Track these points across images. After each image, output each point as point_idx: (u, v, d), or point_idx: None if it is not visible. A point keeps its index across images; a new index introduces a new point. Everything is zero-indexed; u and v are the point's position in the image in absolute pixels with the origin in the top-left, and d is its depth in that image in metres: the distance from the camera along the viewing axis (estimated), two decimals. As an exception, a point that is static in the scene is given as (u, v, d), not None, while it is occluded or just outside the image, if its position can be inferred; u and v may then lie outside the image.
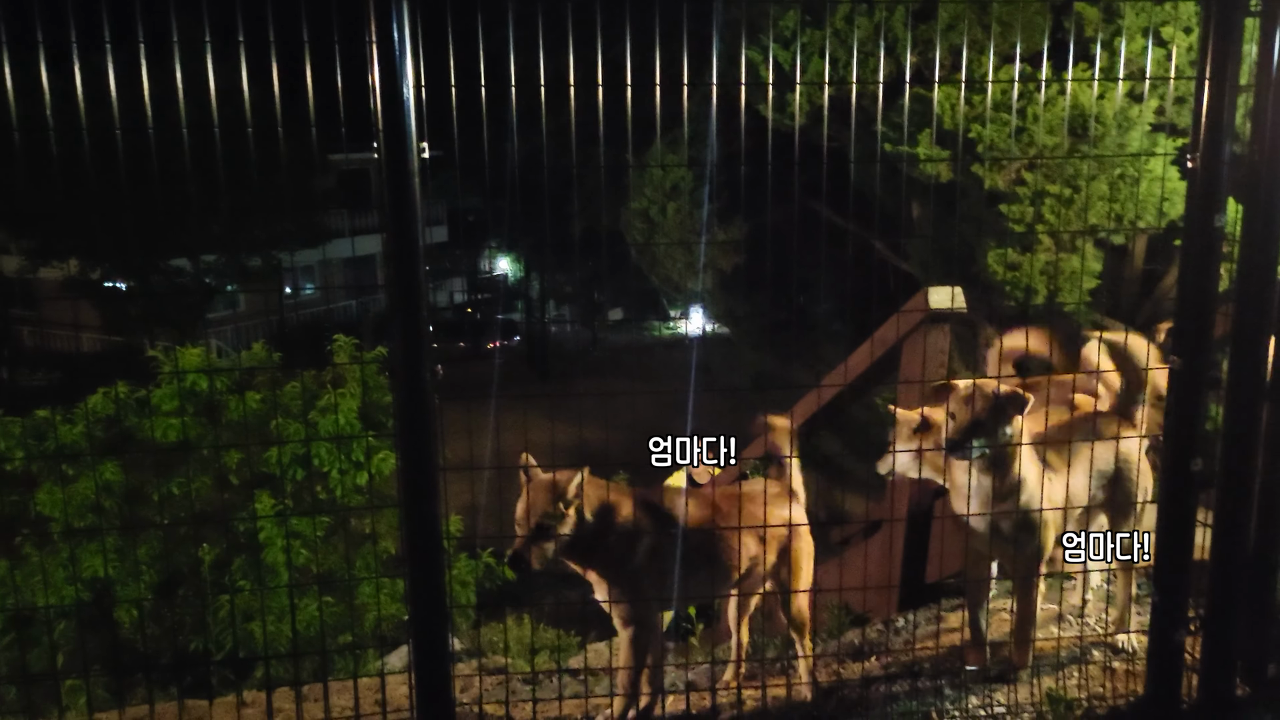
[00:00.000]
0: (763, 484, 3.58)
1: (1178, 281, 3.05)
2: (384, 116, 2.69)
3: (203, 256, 20.58)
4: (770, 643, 4.35)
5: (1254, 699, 3.13)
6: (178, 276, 20.71)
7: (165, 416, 6.69)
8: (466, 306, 37.37)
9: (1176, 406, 2.99)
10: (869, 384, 4.71)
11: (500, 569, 7.44)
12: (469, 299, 38.20)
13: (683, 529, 3.30)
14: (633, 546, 3.25)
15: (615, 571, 3.24)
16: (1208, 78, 2.86)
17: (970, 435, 3.17)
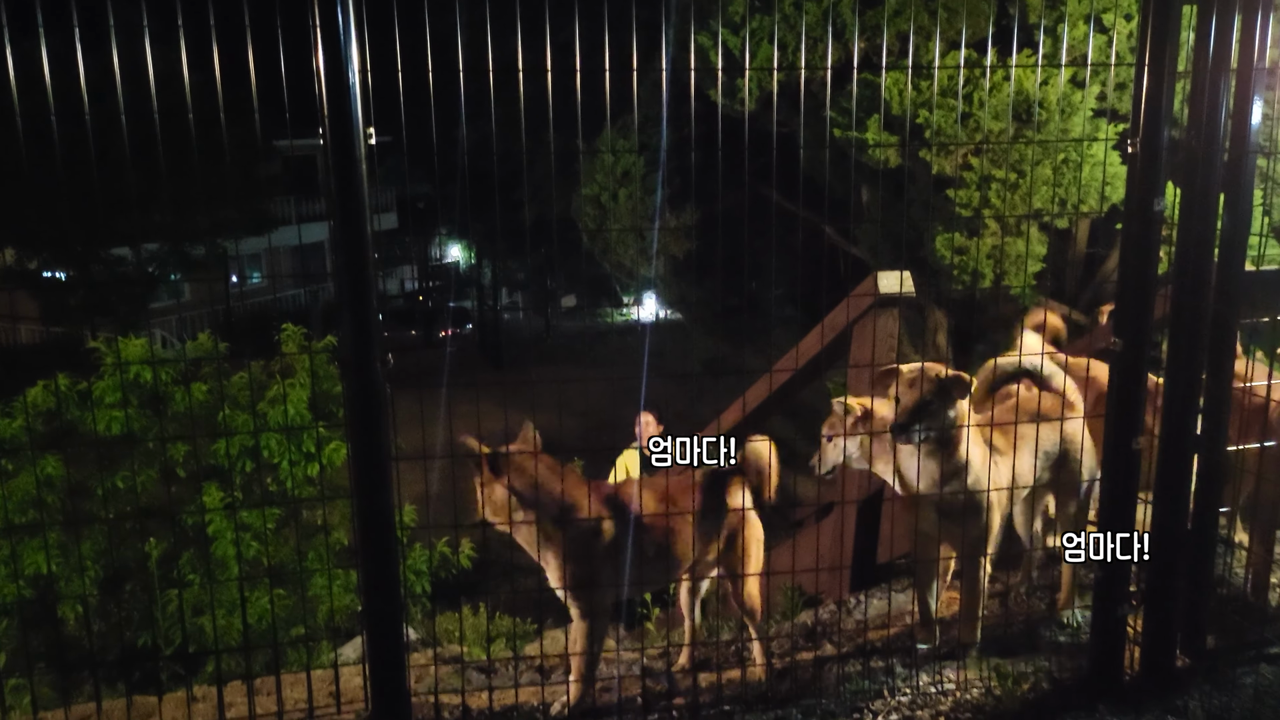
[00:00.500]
0: (714, 472, 3.60)
1: (1119, 264, 3.11)
2: (329, 101, 2.65)
3: (145, 245, 20.11)
4: (725, 625, 4.39)
5: (1193, 670, 3.22)
6: (119, 266, 20.25)
7: (108, 409, 6.56)
8: (418, 294, 37.05)
9: (1118, 387, 3.05)
10: (820, 368, 4.75)
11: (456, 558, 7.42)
12: (420, 287, 37.88)
13: (637, 519, 3.32)
14: (587, 535, 3.26)
15: (570, 559, 3.25)
16: (1147, 64, 2.91)
17: (915, 418, 3.21)
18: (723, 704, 3.28)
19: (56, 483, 6.29)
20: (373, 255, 2.80)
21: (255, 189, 20.96)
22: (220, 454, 6.63)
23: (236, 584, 5.93)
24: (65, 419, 6.75)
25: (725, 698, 3.32)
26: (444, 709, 3.23)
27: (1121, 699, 3.10)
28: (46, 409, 6.66)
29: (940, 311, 11.28)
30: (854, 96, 8.14)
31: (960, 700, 3.20)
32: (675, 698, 3.40)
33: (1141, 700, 3.09)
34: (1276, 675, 3.16)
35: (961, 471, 3.30)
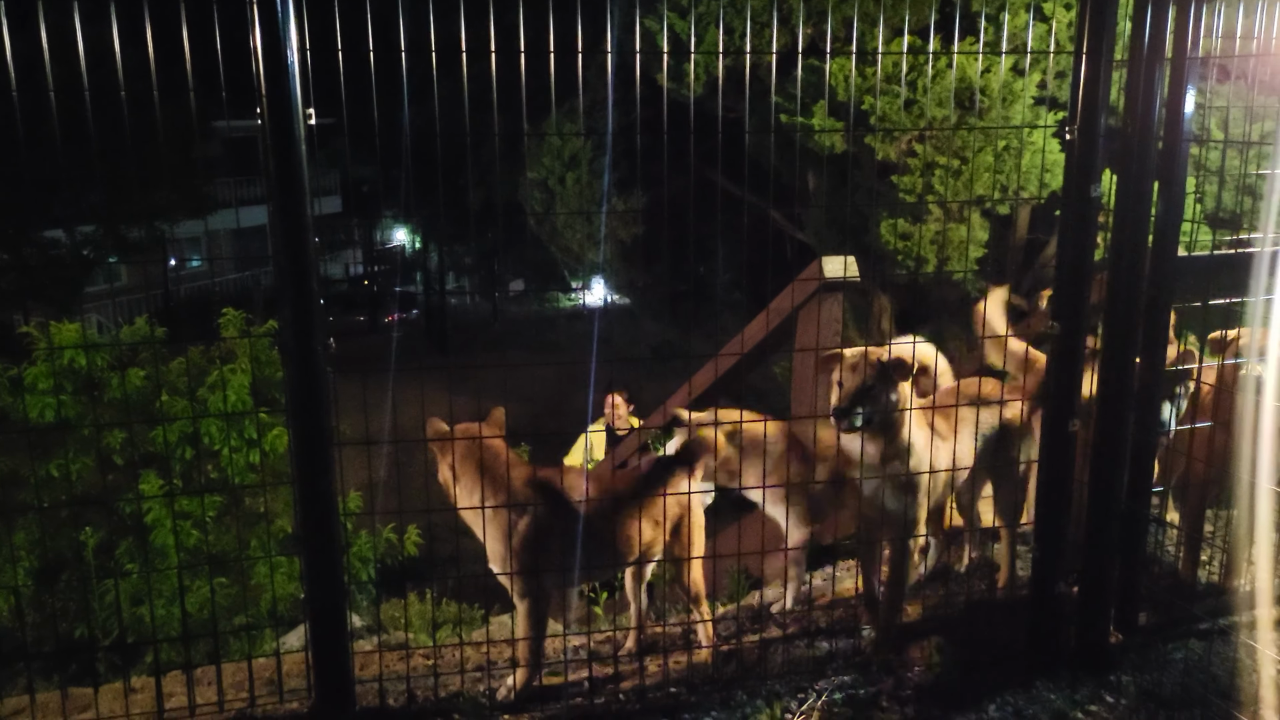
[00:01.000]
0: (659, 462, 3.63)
1: (1057, 249, 3.17)
2: (267, 81, 2.60)
3: (79, 227, 19.57)
4: (672, 609, 4.41)
5: (1126, 645, 3.31)
6: (52, 249, 19.68)
7: (41, 395, 6.39)
8: (363, 279, 36.59)
9: (1056, 370, 3.11)
10: (766, 353, 4.78)
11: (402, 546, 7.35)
12: (365, 271, 37.41)
13: (578, 511, 3.32)
14: (523, 522, 3.25)
15: (508, 545, 3.24)
16: (1085, 53, 2.96)
17: (857, 403, 3.22)
18: (669, 686, 3.30)
19: (-13, 472, 6.12)
20: (313, 238, 2.76)
21: (193, 171, 20.49)
22: (159, 441, 6.49)
23: (175, 573, 5.82)
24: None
25: (672, 680, 3.34)
26: (389, 696, 3.21)
27: (1057, 675, 3.18)
28: (-25, 396, 6.47)
29: (884, 296, 11.41)
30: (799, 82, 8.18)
31: (902, 678, 3.25)
32: (622, 681, 3.41)
33: (1077, 676, 3.17)
34: (1206, 650, 3.25)
35: (904, 454, 3.33)
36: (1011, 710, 3.01)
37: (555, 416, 16.08)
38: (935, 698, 3.10)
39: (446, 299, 33.73)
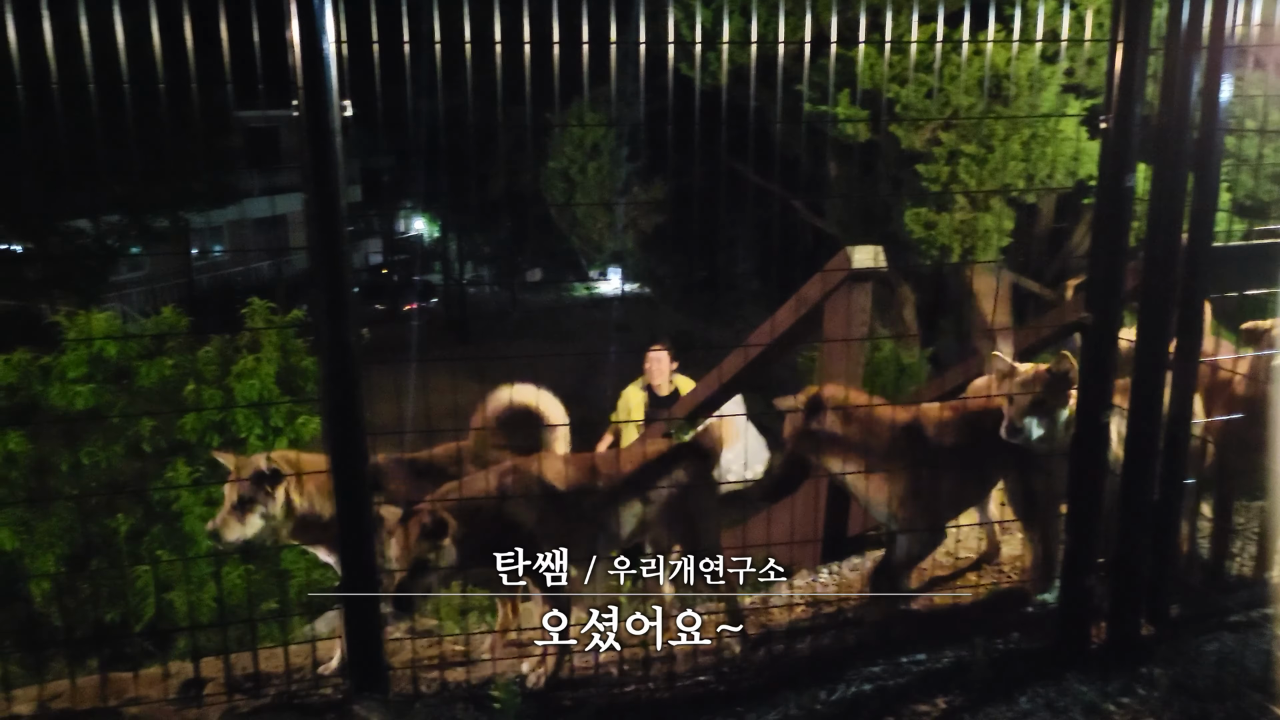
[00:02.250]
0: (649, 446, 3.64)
1: (1090, 240, 3.15)
2: (304, 73, 2.61)
3: (105, 217, 19.71)
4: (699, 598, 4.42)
5: (1158, 639, 3.29)
6: (78, 238, 19.83)
7: (71, 384, 6.45)
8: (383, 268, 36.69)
9: (1089, 361, 3.09)
10: (792, 342, 4.77)
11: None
12: (386, 260, 37.52)
13: (559, 494, 3.34)
14: (519, 517, 3.27)
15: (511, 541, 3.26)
16: (1120, 40, 2.93)
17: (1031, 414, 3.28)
18: (698, 674, 3.31)
19: (20, 459, 6.19)
20: (346, 228, 2.78)
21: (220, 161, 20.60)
22: (187, 429, 6.55)
23: (205, 560, 5.88)
24: (27, 394, 6.64)
25: (701, 668, 3.36)
26: (421, 682, 3.24)
27: (1088, 668, 3.17)
28: (7, 384, 6.55)
29: (907, 286, 11.37)
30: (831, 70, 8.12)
31: (931, 670, 3.25)
32: (651, 669, 3.43)
33: (1108, 669, 3.16)
34: (1238, 643, 3.24)
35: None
36: (1043, 702, 3.00)
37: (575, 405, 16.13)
38: (965, 689, 3.10)
39: (466, 288, 33.80)
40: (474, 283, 36.24)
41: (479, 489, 3.29)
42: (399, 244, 38.98)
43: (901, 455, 3.50)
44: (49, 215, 18.67)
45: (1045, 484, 3.57)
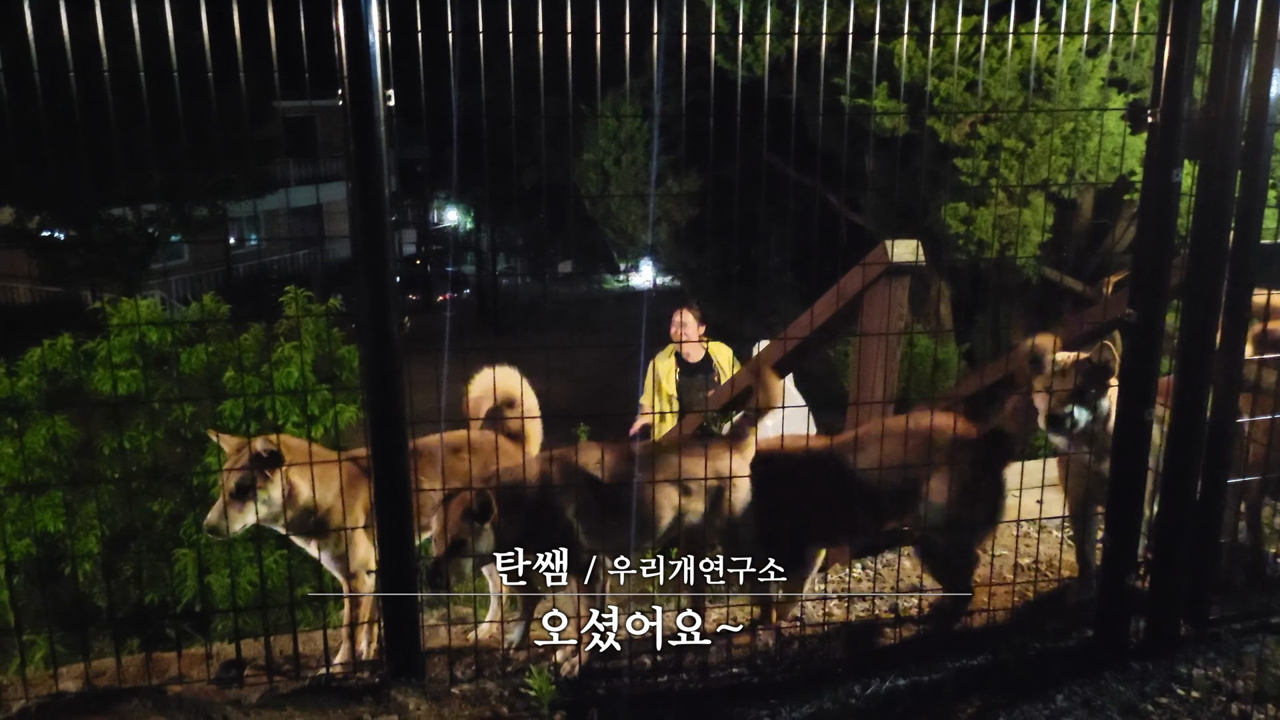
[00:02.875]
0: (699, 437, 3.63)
1: (1135, 235, 3.11)
2: (348, 62, 2.63)
3: (145, 205, 19.98)
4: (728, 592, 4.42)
5: (1197, 639, 3.26)
6: (119, 226, 20.12)
7: (114, 369, 6.56)
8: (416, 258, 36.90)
9: (1132, 358, 3.06)
10: (828, 335, 4.75)
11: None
12: (419, 251, 37.73)
13: (602, 484, 3.35)
14: (560, 506, 3.28)
15: (549, 531, 3.27)
16: (1169, 33, 2.89)
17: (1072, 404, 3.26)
18: (732, 666, 3.32)
19: (64, 442, 6.31)
20: (390, 218, 2.80)
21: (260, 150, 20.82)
22: (225, 415, 6.63)
23: (241, 544, 5.96)
24: (71, 379, 6.75)
25: (735, 660, 3.36)
26: (457, 667, 3.26)
27: (1126, 667, 3.14)
28: (51, 369, 6.66)
29: (943, 281, 11.28)
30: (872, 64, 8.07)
31: (966, 667, 3.24)
32: (684, 660, 3.44)
33: (1146, 668, 3.14)
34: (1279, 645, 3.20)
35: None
36: (1079, 700, 2.98)
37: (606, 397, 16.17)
38: (1001, 687, 3.08)
39: (498, 279, 33.94)
40: (506, 273, 36.37)
41: (521, 476, 3.30)
42: (433, 235, 39.18)
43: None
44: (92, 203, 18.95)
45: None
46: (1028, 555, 4.23)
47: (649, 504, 3.40)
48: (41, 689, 3.14)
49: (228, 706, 2.72)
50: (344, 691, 3.04)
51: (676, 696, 3.13)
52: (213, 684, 3.09)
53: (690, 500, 3.48)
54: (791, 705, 3.04)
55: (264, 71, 2.84)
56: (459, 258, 37.77)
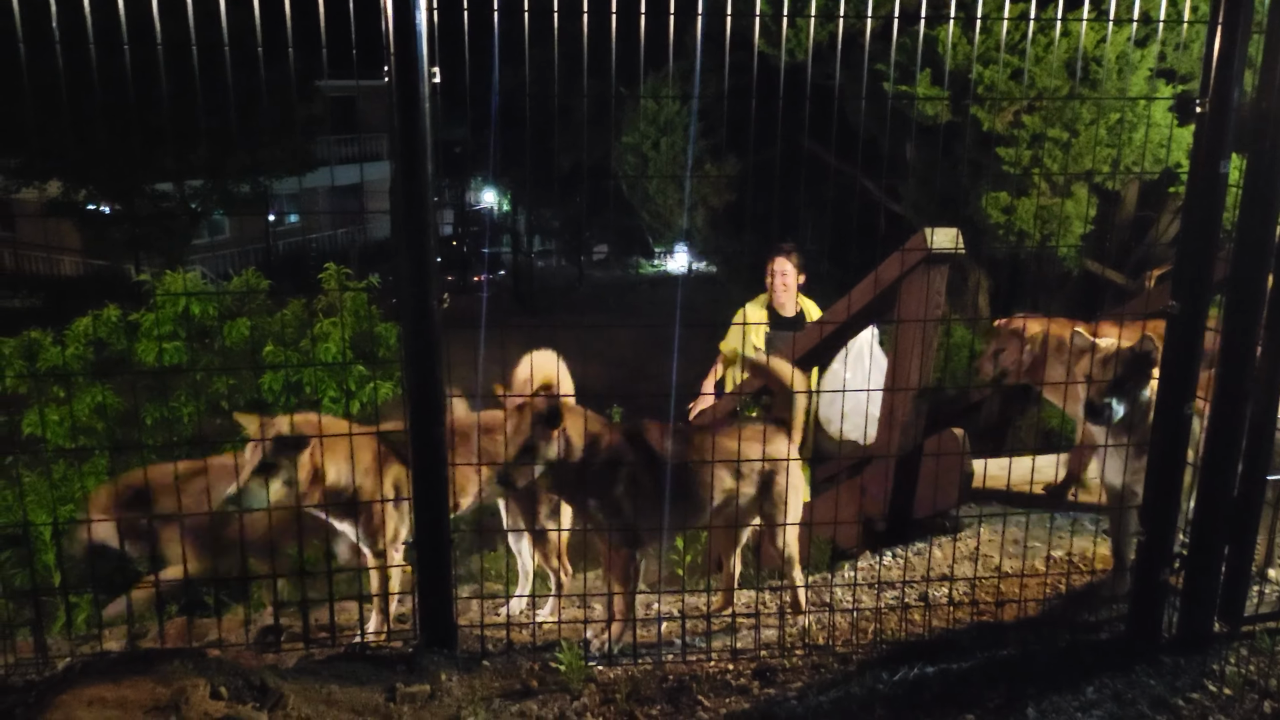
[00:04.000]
0: (744, 421, 3.64)
1: (1180, 227, 3.07)
2: (395, 41, 2.66)
3: (188, 181, 20.25)
4: (759, 576, 4.44)
5: (1230, 636, 3.23)
6: (163, 201, 20.41)
7: (157, 340, 6.69)
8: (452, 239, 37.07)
9: (1174, 351, 3.03)
10: (869, 319, 4.73)
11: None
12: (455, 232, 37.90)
13: (661, 461, 3.36)
14: (614, 476, 3.30)
15: (600, 499, 3.30)
16: (1220, 23, 2.85)
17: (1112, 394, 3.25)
18: (760, 649, 3.34)
19: (108, 411, 6.44)
20: (433, 197, 2.83)
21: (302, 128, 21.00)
22: (265, 388, 6.74)
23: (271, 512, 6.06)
24: (115, 349, 6.89)
25: (763, 643, 3.38)
26: (488, 641, 3.31)
27: (1158, 661, 3.12)
28: (96, 339, 6.80)
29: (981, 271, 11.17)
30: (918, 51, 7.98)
31: (995, 656, 3.23)
32: (713, 641, 3.47)
33: (1178, 663, 3.12)
34: (1316, 643, 3.17)
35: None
36: (1110, 693, 2.97)
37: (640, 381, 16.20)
38: (1030, 677, 3.07)
39: (533, 261, 34.01)
40: (541, 254, 36.45)
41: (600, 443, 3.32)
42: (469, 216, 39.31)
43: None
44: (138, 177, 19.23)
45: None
46: (1060, 547, 4.20)
47: (699, 486, 3.42)
48: (85, 648, 3.23)
49: (265, 671, 2.78)
50: (377, 660, 3.10)
51: (706, 676, 3.15)
52: (250, 649, 3.16)
53: (742, 484, 3.49)
54: (819, 689, 3.06)
55: (311, 49, 2.87)
56: (495, 239, 37.90)
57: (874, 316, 4.64)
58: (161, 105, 11.95)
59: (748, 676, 3.17)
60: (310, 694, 2.77)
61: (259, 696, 2.62)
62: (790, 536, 3.60)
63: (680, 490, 3.40)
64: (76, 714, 2.39)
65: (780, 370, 3.65)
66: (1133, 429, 3.32)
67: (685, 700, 3.01)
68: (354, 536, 3.52)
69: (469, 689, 3.00)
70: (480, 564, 4.61)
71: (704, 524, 3.66)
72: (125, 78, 2.76)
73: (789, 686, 3.10)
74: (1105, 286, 9.47)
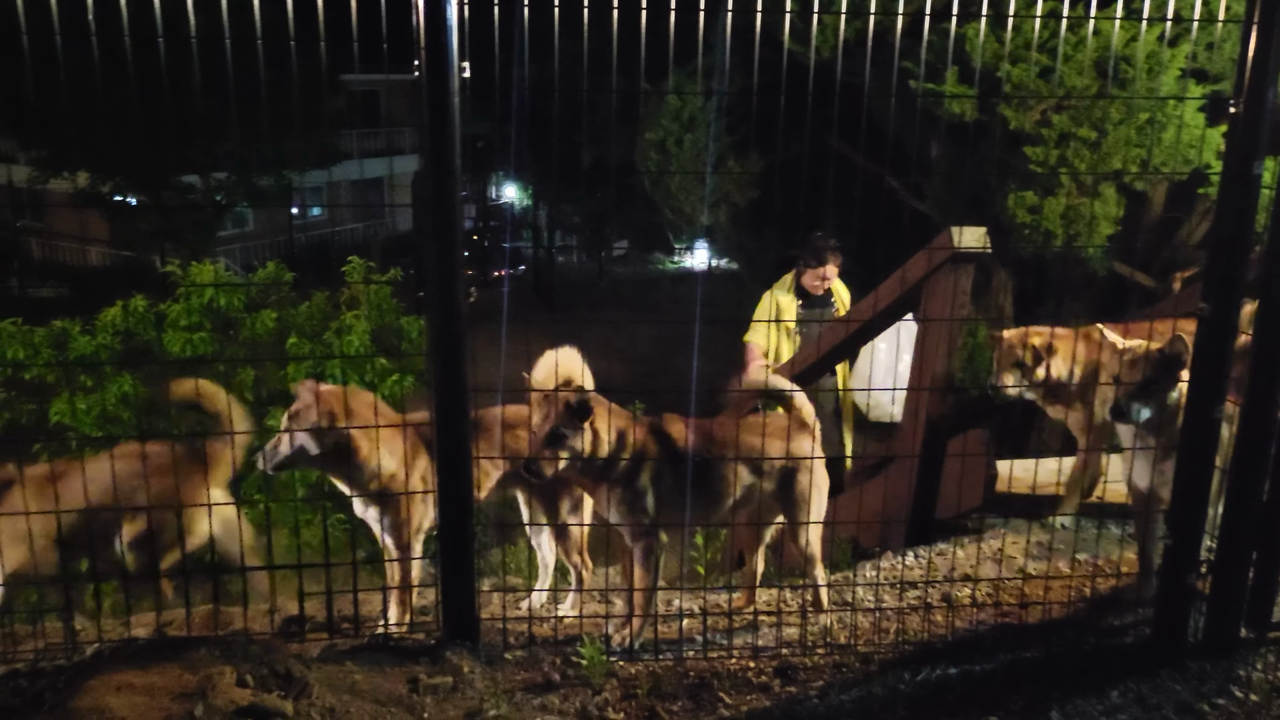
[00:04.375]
0: (765, 417, 3.63)
1: (1212, 228, 3.04)
2: (426, 35, 2.67)
3: (213, 174, 20.41)
4: (780, 574, 4.43)
5: (1257, 642, 3.20)
6: (189, 193, 20.57)
7: (184, 331, 6.75)
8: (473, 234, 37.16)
9: (1203, 353, 3.00)
10: (894, 317, 4.71)
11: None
12: (475, 226, 37.99)
13: (683, 456, 3.36)
14: (638, 469, 3.31)
15: (623, 491, 3.30)
16: (1255, 23, 2.82)
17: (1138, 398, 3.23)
18: (782, 647, 3.34)
19: (133, 400, 6.50)
20: (460, 190, 2.84)
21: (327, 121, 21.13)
22: (287, 380, 6.80)
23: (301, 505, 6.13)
24: (141, 339, 6.96)
25: (785, 641, 3.38)
26: (510, 634, 3.32)
27: (1184, 666, 3.10)
28: (124, 329, 6.87)
29: (1005, 271, 11.09)
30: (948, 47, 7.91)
31: (1019, 659, 3.22)
32: (735, 638, 3.47)
33: (1204, 669, 3.09)
34: (1345, 651, 3.13)
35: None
36: (1134, 697, 2.95)
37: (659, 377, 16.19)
38: (1054, 680, 3.06)
39: (554, 256, 34.06)
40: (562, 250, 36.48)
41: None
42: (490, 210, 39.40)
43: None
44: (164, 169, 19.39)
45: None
46: (1085, 550, 4.17)
47: (720, 481, 3.42)
48: (113, 634, 3.26)
49: (290, 659, 2.80)
50: (400, 651, 3.11)
51: (727, 673, 3.15)
52: (275, 638, 3.18)
53: (763, 480, 3.49)
54: (841, 688, 3.05)
55: (342, 43, 2.88)
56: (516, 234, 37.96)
57: (900, 314, 4.61)
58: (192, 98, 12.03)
59: (769, 674, 3.16)
60: (334, 683, 2.79)
61: (284, 685, 2.65)
62: (812, 535, 3.59)
63: (701, 485, 3.41)
64: (105, 699, 2.42)
65: (781, 388, 3.65)
66: (1161, 430, 3.29)
67: (706, 697, 3.01)
68: (379, 527, 3.54)
69: (491, 681, 3.01)
70: (501, 557, 4.62)
71: (724, 520, 3.66)
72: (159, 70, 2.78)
73: (810, 685, 3.09)
74: (1132, 288, 9.39)
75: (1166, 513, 3.21)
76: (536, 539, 4.20)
